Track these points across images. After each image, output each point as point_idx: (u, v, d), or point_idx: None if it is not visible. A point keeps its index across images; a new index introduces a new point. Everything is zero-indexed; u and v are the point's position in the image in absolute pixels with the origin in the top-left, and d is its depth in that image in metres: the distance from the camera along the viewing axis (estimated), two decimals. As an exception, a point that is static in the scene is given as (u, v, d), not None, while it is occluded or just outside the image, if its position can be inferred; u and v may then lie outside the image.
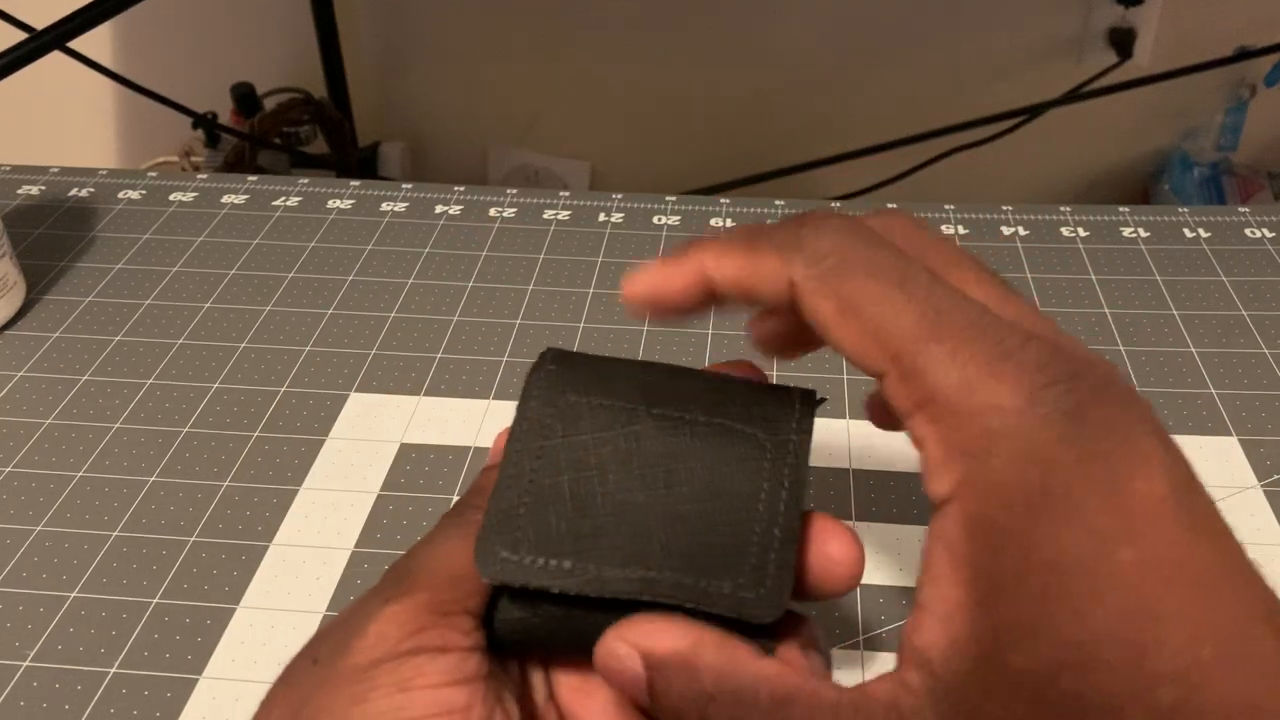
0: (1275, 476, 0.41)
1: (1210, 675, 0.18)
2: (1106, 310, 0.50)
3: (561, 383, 0.26)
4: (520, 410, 0.26)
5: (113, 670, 0.35)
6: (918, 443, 0.21)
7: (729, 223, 0.58)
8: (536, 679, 0.26)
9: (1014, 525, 0.19)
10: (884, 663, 0.35)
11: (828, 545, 0.24)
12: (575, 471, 0.25)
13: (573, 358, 0.27)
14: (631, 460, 0.25)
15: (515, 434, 0.25)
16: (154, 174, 0.64)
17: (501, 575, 0.24)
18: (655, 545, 0.24)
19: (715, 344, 0.49)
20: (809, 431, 0.26)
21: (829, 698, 0.21)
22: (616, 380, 0.26)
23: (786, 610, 0.24)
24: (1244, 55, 1.11)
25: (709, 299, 0.25)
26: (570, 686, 0.26)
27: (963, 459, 0.20)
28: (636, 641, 0.23)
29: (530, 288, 0.53)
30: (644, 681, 0.23)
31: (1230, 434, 0.43)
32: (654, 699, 0.23)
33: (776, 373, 0.46)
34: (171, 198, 0.61)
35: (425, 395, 0.46)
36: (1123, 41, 1.15)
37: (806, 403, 0.26)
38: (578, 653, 0.24)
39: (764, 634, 0.24)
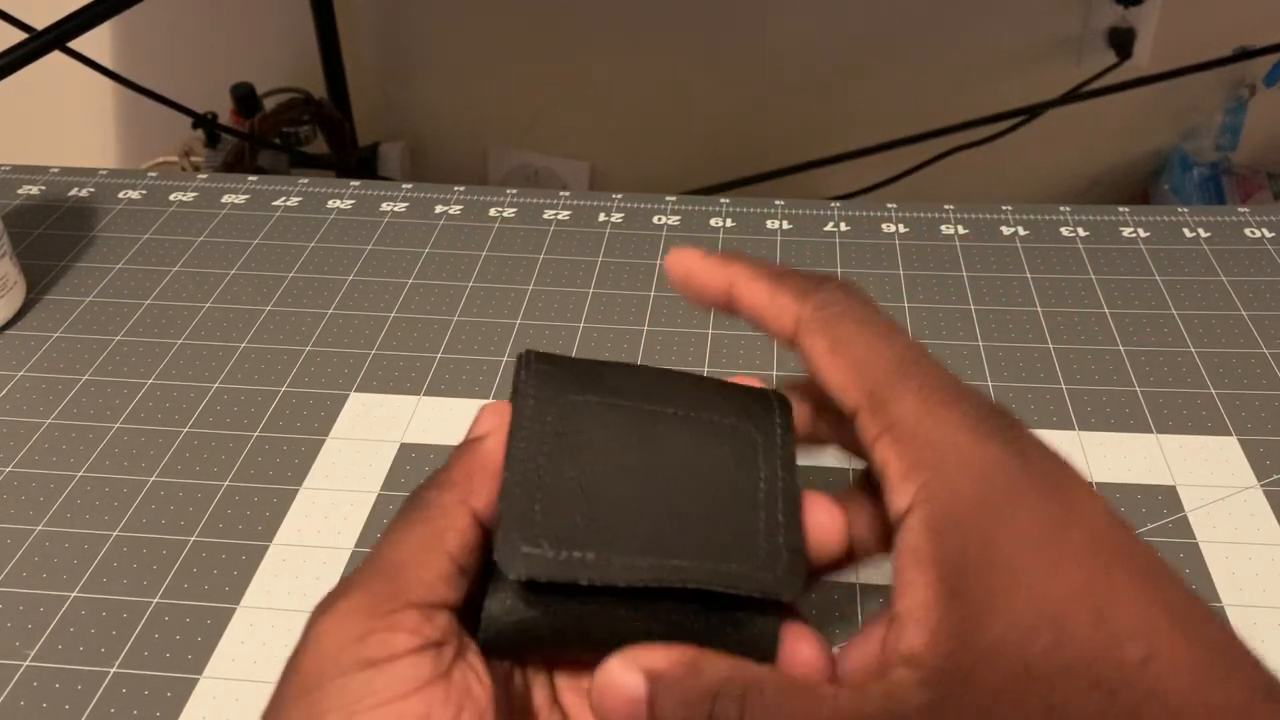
0: (1275, 476, 0.41)
1: (1170, 639, 0.20)
2: (1106, 310, 0.50)
3: (555, 383, 0.27)
4: (517, 410, 0.26)
5: (113, 670, 0.35)
6: (881, 467, 0.24)
7: (729, 223, 0.58)
8: (538, 681, 0.25)
9: (972, 518, 0.22)
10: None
11: (815, 515, 0.26)
12: (582, 469, 0.25)
13: (558, 359, 0.27)
14: (634, 455, 0.26)
15: (516, 433, 0.25)
16: (154, 174, 0.64)
17: (528, 570, 0.23)
18: (670, 536, 0.24)
19: (715, 344, 0.49)
20: (791, 427, 0.27)
21: (828, 690, 0.22)
22: (606, 380, 0.27)
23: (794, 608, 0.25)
24: (1244, 55, 1.11)
25: (724, 306, 0.28)
26: (573, 689, 0.25)
27: (921, 471, 0.23)
28: (636, 660, 0.23)
29: (530, 288, 0.53)
30: (644, 698, 0.22)
31: (1230, 434, 0.43)
32: (654, 715, 0.22)
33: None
34: (171, 198, 0.61)
35: (425, 395, 0.46)
36: (1123, 41, 1.15)
37: (783, 400, 0.28)
38: (583, 651, 0.24)
39: (770, 645, 0.24)
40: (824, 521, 0.26)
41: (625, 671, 0.23)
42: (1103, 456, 0.43)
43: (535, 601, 0.24)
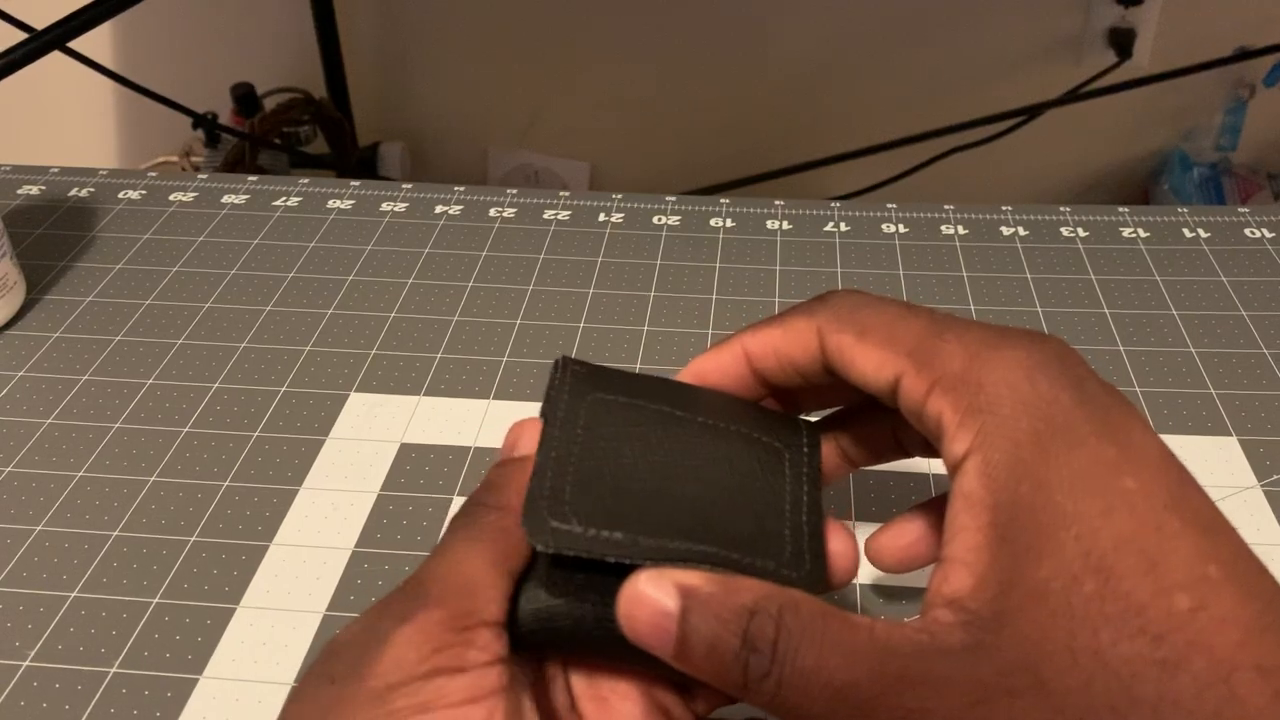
0: (1275, 476, 0.41)
1: (1219, 590, 0.20)
2: (1106, 310, 0.50)
3: (588, 384, 0.27)
4: (551, 403, 0.27)
5: (113, 670, 0.35)
6: (934, 419, 0.24)
7: (729, 223, 0.58)
8: (556, 687, 0.26)
9: (1027, 460, 0.22)
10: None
11: (831, 543, 0.26)
12: (613, 460, 0.25)
13: (591, 365, 0.28)
14: (663, 453, 0.26)
15: (550, 422, 0.26)
16: (154, 174, 0.64)
17: (555, 544, 0.23)
18: (698, 526, 0.25)
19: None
20: (818, 446, 0.28)
21: (864, 620, 0.22)
22: (636, 386, 0.28)
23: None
24: (1244, 55, 1.11)
25: (754, 375, 0.28)
26: (591, 696, 0.25)
27: (977, 416, 0.23)
28: (667, 576, 0.22)
29: (530, 288, 0.53)
30: (675, 617, 0.22)
31: (1230, 434, 0.43)
32: (684, 638, 0.22)
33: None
34: (171, 198, 0.61)
35: (425, 395, 0.46)
36: (1122, 41, 1.15)
37: (810, 425, 0.29)
38: (601, 647, 0.24)
39: None
40: (839, 550, 0.26)
41: (657, 585, 0.22)
42: (1103, 456, 0.43)
43: (557, 590, 0.24)
